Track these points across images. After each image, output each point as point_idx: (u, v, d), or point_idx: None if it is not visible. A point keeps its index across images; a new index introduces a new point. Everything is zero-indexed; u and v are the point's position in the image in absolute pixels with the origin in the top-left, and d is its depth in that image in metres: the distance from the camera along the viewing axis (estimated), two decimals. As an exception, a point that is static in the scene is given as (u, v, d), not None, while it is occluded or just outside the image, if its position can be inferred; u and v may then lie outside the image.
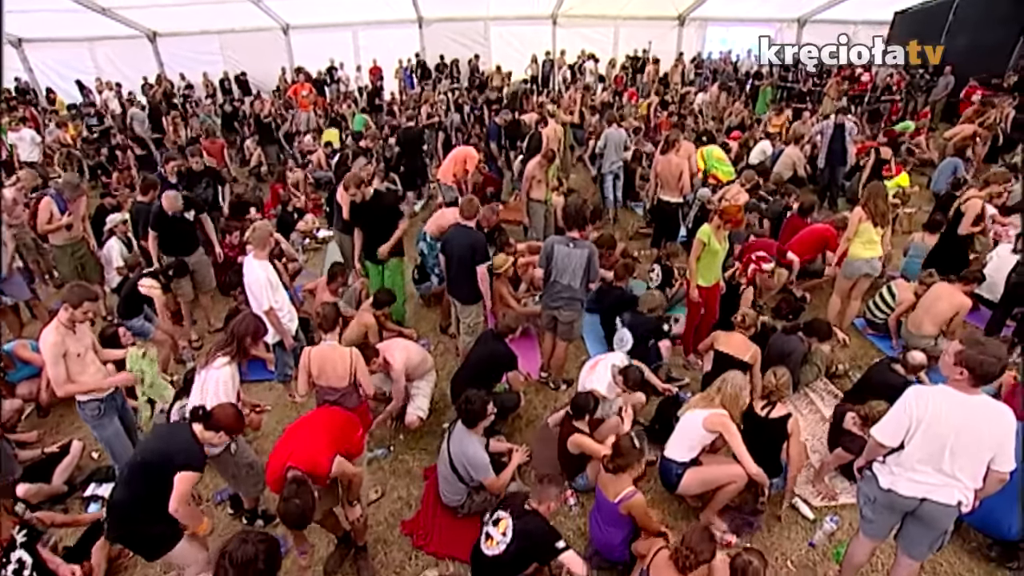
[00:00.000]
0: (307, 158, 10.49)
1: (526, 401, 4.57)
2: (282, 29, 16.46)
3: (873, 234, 4.87)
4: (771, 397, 3.35)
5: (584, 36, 17.29)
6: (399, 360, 4.02)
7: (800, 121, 10.94)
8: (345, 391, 3.55)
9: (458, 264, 4.59)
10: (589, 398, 3.54)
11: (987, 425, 2.35)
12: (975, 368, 2.30)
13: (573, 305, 4.30)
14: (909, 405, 2.47)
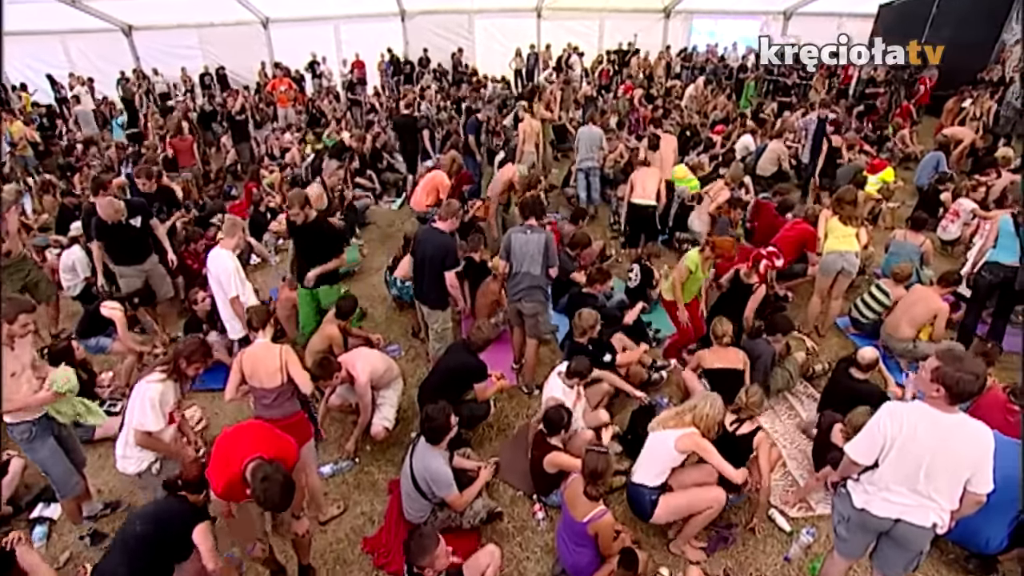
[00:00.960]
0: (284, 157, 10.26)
1: (497, 408, 4.42)
2: (262, 23, 16.10)
3: (845, 229, 4.83)
4: (740, 414, 3.21)
5: (569, 29, 17.06)
6: (363, 373, 3.86)
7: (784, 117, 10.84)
8: (279, 392, 3.35)
9: (428, 268, 4.45)
10: (561, 411, 3.39)
11: (964, 445, 2.25)
12: (952, 386, 2.19)
13: (534, 295, 4.20)
14: (883, 423, 2.35)
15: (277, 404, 3.39)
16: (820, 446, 3.54)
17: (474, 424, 4.10)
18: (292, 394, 3.48)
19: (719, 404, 3.10)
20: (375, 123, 11.89)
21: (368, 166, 9.34)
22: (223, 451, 2.72)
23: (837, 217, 4.87)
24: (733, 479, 3.09)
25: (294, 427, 3.41)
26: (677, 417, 3.18)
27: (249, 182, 8.50)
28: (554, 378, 3.83)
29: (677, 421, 3.15)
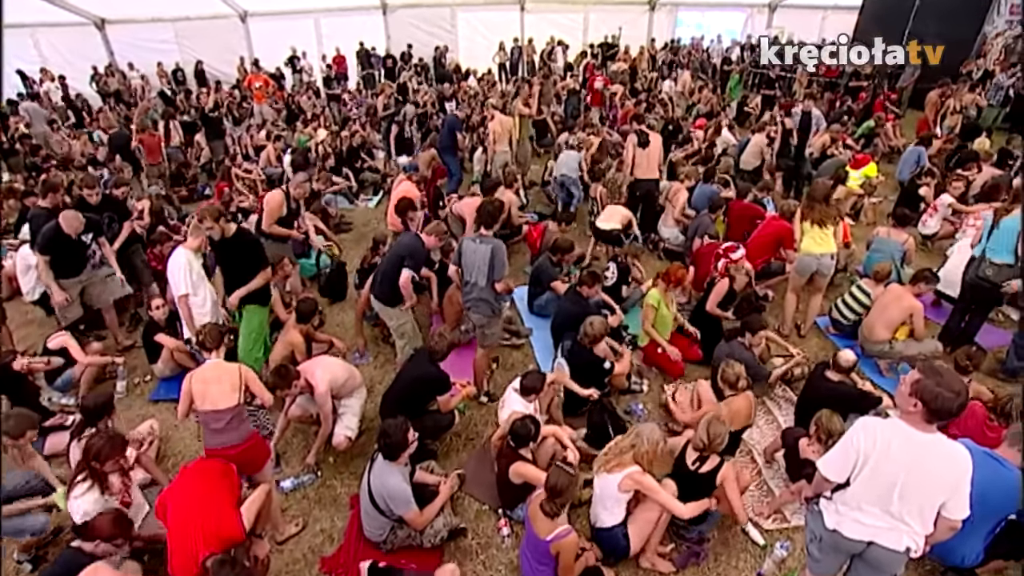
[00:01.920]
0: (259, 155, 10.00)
1: (466, 417, 4.28)
2: (240, 16, 15.74)
3: (821, 231, 4.74)
4: (703, 453, 3.06)
5: (553, 22, 16.88)
6: (322, 381, 3.69)
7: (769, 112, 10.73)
8: (233, 414, 3.17)
9: (390, 261, 4.30)
10: (528, 423, 3.24)
11: (940, 467, 2.11)
12: (930, 401, 2.05)
13: (480, 307, 4.06)
14: (856, 438, 2.22)
15: (232, 427, 3.20)
16: (792, 462, 3.42)
17: (438, 435, 3.94)
18: (246, 415, 3.33)
19: (656, 436, 2.92)
20: (355, 120, 11.63)
21: (345, 164, 9.12)
22: (176, 527, 2.67)
23: (808, 221, 4.79)
24: (681, 515, 2.97)
25: (252, 450, 3.28)
26: (618, 458, 2.98)
27: (220, 182, 8.26)
28: (511, 394, 3.68)
29: (618, 462, 2.96)
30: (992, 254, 4.54)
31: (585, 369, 3.98)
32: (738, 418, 3.56)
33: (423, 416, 3.79)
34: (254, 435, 3.34)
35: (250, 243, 4.35)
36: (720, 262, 4.93)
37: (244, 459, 3.25)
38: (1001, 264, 4.48)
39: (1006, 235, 4.44)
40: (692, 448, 3.09)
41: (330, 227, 7.58)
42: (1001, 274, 4.52)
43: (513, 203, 6.31)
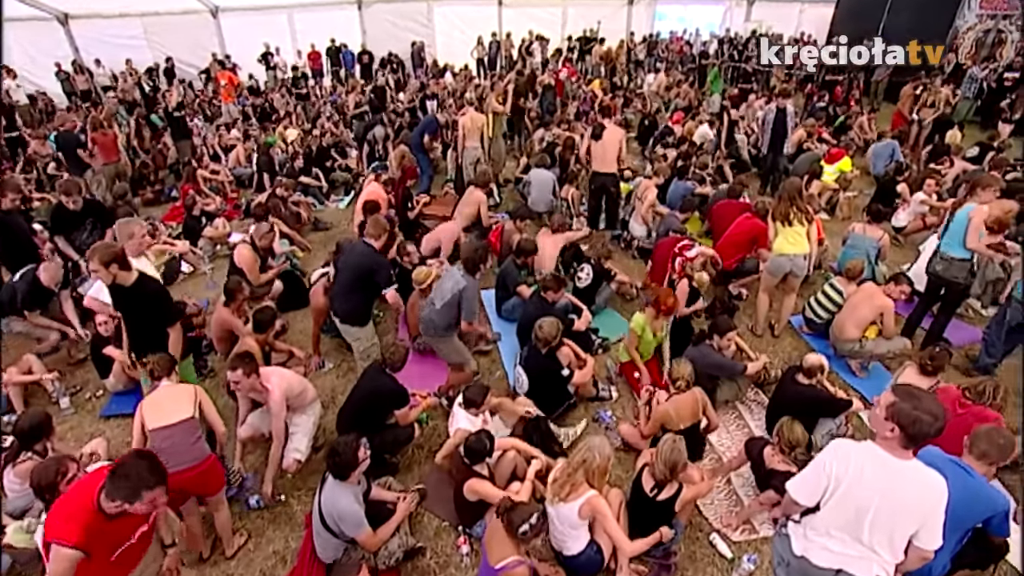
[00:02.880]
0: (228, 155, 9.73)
1: (430, 428, 4.14)
2: (211, 12, 15.32)
3: (794, 231, 4.65)
4: (661, 482, 2.91)
5: (532, 16, 16.70)
6: (277, 387, 3.48)
7: (746, 104, 10.67)
8: (188, 429, 3.01)
9: (350, 276, 4.11)
10: (483, 439, 3.10)
11: (914, 496, 2.00)
12: (907, 425, 1.94)
13: (427, 327, 4.05)
14: (828, 462, 2.11)
15: (187, 444, 3.01)
16: (759, 473, 3.32)
17: (398, 449, 3.79)
18: (199, 437, 3.13)
19: (607, 451, 2.77)
20: (328, 118, 11.37)
21: (314, 163, 8.89)
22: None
23: (778, 220, 4.70)
24: (624, 552, 2.86)
25: (210, 471, 3.10)
26: (571, 480, 2.80)
27: (185, 183, 7.99)
28: (458, 410, 3.55)
29: (572, 486, 2.79)
30: (946, 248, 4.48)
31: (542, 377, 3.85)
32: (682, 414, 3.46)
33: (381, 430, 3.64)
34: (210, 457, 3.15)
35: (153, 294, 3.55)
36: (676, 261, 4.82)
37: (201, 481, 3.08)
38: (952, 258, 4.42)
39: (959, 227, 4.36)
40: (649, 475, 2.96)
41: (304, 228, 7.41)
42: (951, 269, 4.46)
43: (483, 203, 6.15)
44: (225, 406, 4.22)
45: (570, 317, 4.51)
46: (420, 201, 6.59)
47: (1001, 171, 6.88)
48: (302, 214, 7.38)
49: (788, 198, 4.70)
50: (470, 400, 3.53)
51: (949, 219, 4.57)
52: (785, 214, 4.65)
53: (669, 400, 3.50)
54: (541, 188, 6.91)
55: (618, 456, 3.85)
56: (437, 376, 4.49)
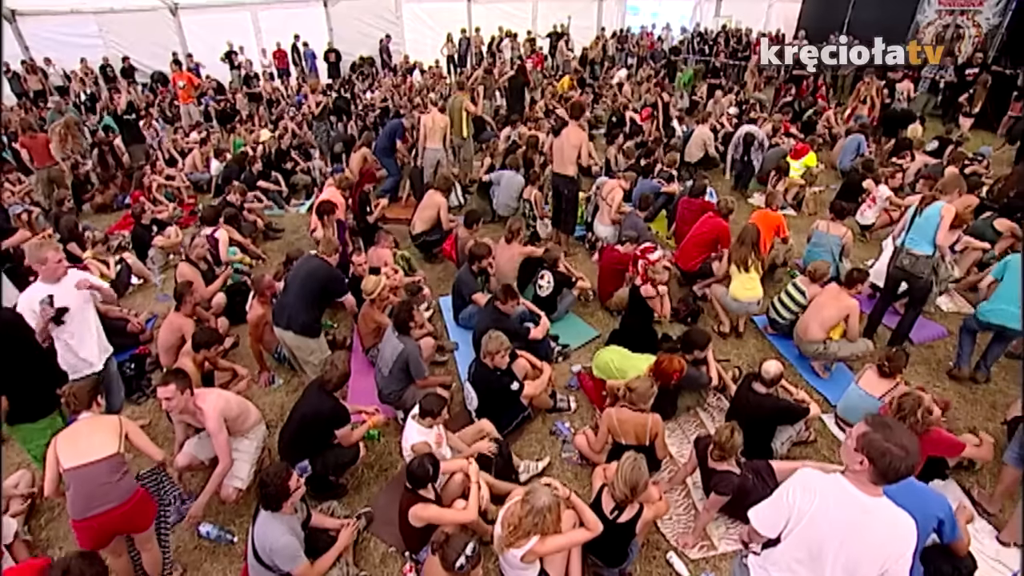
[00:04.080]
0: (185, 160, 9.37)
1: (379, 446, 3.97)
2: (170, 9, 14.78)
3: (747, 278, 4.80)
4: (622, 503, 2.78)
5: (502, 12, 16.52)
6: (213, 409, 3.27)
7: (713, 100, 10.63)
8: (113, 465, 2.78)
9: (303, 288, 4.02)
10: (426, 463, 2.93)
11: (881, 538, 1.85)
12: (877, 460, 1.80)
13: (388, 399, 4.02)
14: (792, 493, 1.97)
15: (111, 483, 2.78)
16: (705, 475, 3.21)
17: (342, 471, 3.60)
18: (127, 468, 2.91)
19: (544, 503, 2.51)
20: (291, 119, 11.04)
21: (273, 167, 8.59)
22: None
23: (736, 266, 4.84)
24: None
25: (138, 507, 2.88)
26: (514, 526, 2.57)
27: (135, 190, 7.64)
28: (409, 423, 3.38)
29: (514, 533, 2.56)
30: (912, 244, 4.46)
31: (490, 393, 3.70)
32: (625, 427, 3.34)
33: (324, 452, 3.45)
34: (137, 492, 2.92)
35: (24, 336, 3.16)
36: (639, 263, 4.70)
37: (127, 520, 2.86)
38: (918, 255, 4.41)
39: (929, 224, 4.35)
40: (609, 496, 2.82)
41: (257, 236, 7.13)
42: (917, 265, 4.44)
43: (443, 206, 5.96)
44: (168, 428, 4.01)
45: (526, 326, 4.36)
46: (379, 205, 6.37)
47: (959, 165, 6.92)
48: (258, 221, 7.11)
49: (749, 244, 4.76)
50: (426, 410, 3.34)
51: (915, 214, 4.53)
52: (743, 260, 4.76)
53: (617, 408, 3.38)
54: (508, 190, 6.74)
55: (574, 471, 3.74)
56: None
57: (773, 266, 5.96)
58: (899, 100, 9.58)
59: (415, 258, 6.21)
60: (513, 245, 5.25)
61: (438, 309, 5.43)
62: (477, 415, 3.80)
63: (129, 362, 4.75)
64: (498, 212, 6.68)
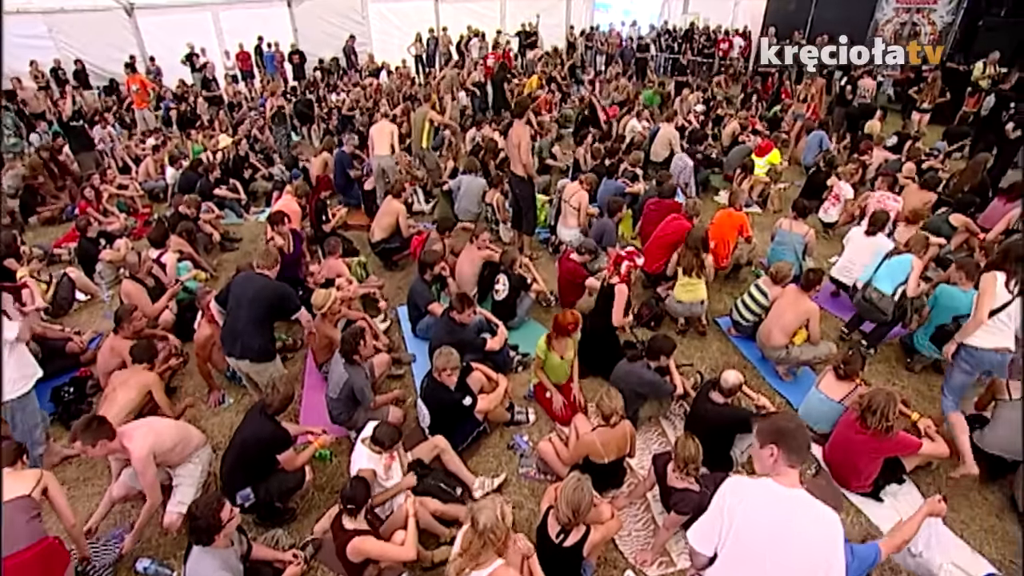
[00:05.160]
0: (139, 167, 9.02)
1: (333, 466, 3.81)
2: (125, 9, 14.22)
3: (690, 282, 4.80)
4: (566, 526, 2.67)
5: (470, 11, 16.32)
6: (142, 446, 3.09)
7: (680, 97, 10.63)
8: (22, 507, 2.60)
9: (248, 309, 3.82)
10: (360, 486, 2.80)
11: (810, 533, 1.86)
12: (779, 440, 1.91)
13: (339, 420, 3.87)
14: (723, 496, 1.96)
15: (20, 524, 2.62)
16: (664, 491, 3.13)
17: (287, 497, 3.44)
18: (39, 515, 2.74)
19: (492, 518, 2.39)
20: (253, 122, 10.72)
21: (232, 174, 8.30)
22: None
23: (681, 270, 4.83)
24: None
25: (45, 555, 2.69)
26: (467, 552, 2.43)
27: (81, 202, 7.31)
28: (360, 447, 3.24)
29: (478, 563, 2.41)
30: (878, 283, 4.65)
31: (442, 410, 3.58)
32: (609, 448, 3.24)
33: (267, 478, 3.29)
34: (47, 540, 2.74)
35: None
36: (623, 265, 4.60)
37: (39, 565, 2.66)
38: (883, 294, 4.60)
39: (901, 270, 4.56)
40: (554, 519, 2.71)
41: (213, 248, 6.88)
42: (882, 302, 4.62)
43: (401, 213, 5.80)
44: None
45: (483, 337, 4.23)
46: (336, 213, 6.18)
47: (916, 160, 7.00)
48: (213, 234, 6.84)
49: (693, 248, 4.76)
50: (378, 441, 3.20)
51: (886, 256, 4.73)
52: (689, 265, 4.77)
53: (596, 432, 3.27)
54: (469, 195, 6.60)
55: (531, 487, 3.63)
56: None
57: (737, 266, 5.94)
58: (861, 96, 9.67)
59: (373, 266, 6.04)
60: (472, 248, 5.13)
61: (396, 320, 5.27)
62: (430, 431, 3.67)
63: (68, 386, 4.50)
64: (460, 218, 6.53)
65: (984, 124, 8.11)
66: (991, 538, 3.30)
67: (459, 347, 3.94)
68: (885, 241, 5.15)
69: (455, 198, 6.77)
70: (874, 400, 3.20)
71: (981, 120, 8.20)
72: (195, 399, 4.39)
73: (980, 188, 6.50)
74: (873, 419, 3.19)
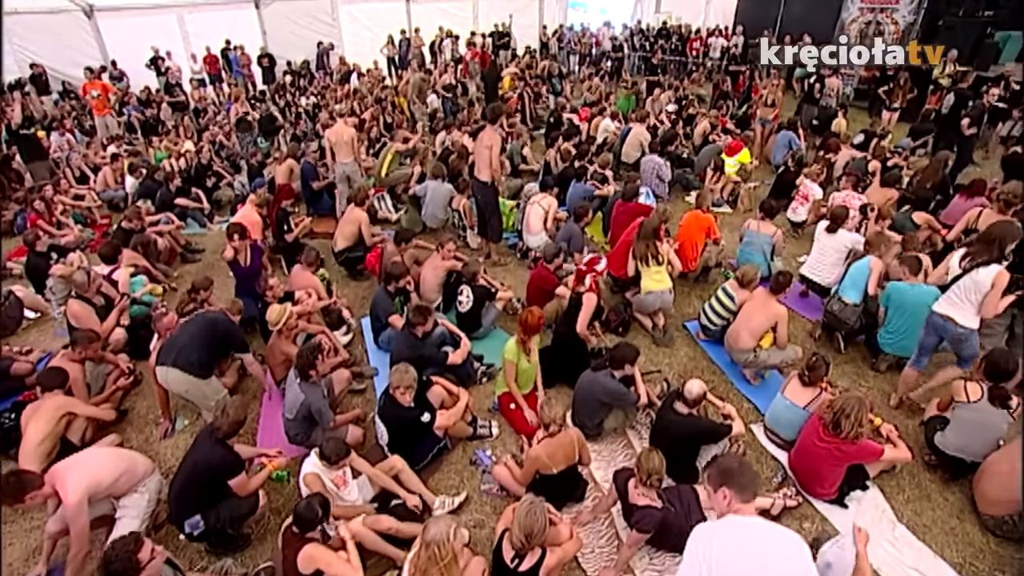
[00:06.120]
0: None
1: (290, 488, 3.66)
2: (84, 11, 13.78)
3: (653, 271, 4.76)
4: (520, 551, 2.59)
5: (442, 11, 16.17)
6: (76, 489, 2.90)
7: (651, 97, 10.62)
8: None
9: (198, 327, 3.82)
10: (314, 504, 2.70)
11: (784, 550, 1.92)
12: (729, 481, 2.02)
13: (296, 441, 3.76)
14: (694, 544, 1.98)
15: None
16: (627, 508, 3.06)
17: (239, 524, 3.30)
18: None
19: (444, 536, 2.37)
20: (221, 127, 10.45)
21: (194, 182, 8.06)
22: None
23: (639, 261, 4.77)
24: None
25: None
26: (417, 571, 2.42)
27: (31, 214, 7.02)
28: (312, 457, 3.13)
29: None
30: (843, 291, 4.69)
31: (400, 428, 3.47)
32: (556, 459, 3.16)
33: (217, 505, 3.15)
34: None
35: None
36: (587, 278, 4.53)
37: None
38: (846, 303, 4.65)
39: (860, 274, 4.60)
40: (509, 542, 2.62)
41: (173, 260, 6.66)
42: (845, 311, 4.67)
43: (363, 221, 5.66)
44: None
45: (444, 350, 4.13)
46: (299, 223, 6.02)
47: (881, 158, 7.06)
48: (173, 247, 6.62)
49: (645, 239, 4.72)
50: (324, 455, 3.11)
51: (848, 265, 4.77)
52: (643, 255, 4.74)
53: (541, 444, 3.19)
54: (436, 201, 6.48)
55: (494, 505, 3.54)
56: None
57: (707, 268, 5.92)
58: (827, 95, 9.76)
59: (338, 275, 5.89)
60: (436, 257, 5.02)
61: (359, 332, 5.13)
62: (389, 449, 3.56)
63: (9, 411, 4.27)
64: (428, 224, 6.42)
65: (945, 122, 8.23)
66: (952, 540, 3.29)
67: (420, 361, 3.85)
68: (848, 238, 5.16)
69: (422, 204, 6.65)
70: (847, 405, 3.18)
71: (942, 118, 8.32)
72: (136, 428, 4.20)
73: (941, 185, 6.58)
74: (847, 423, 3.16)
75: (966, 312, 3.79)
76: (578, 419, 3.89)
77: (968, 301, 3.76)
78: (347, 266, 5.89)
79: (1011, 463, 3.15)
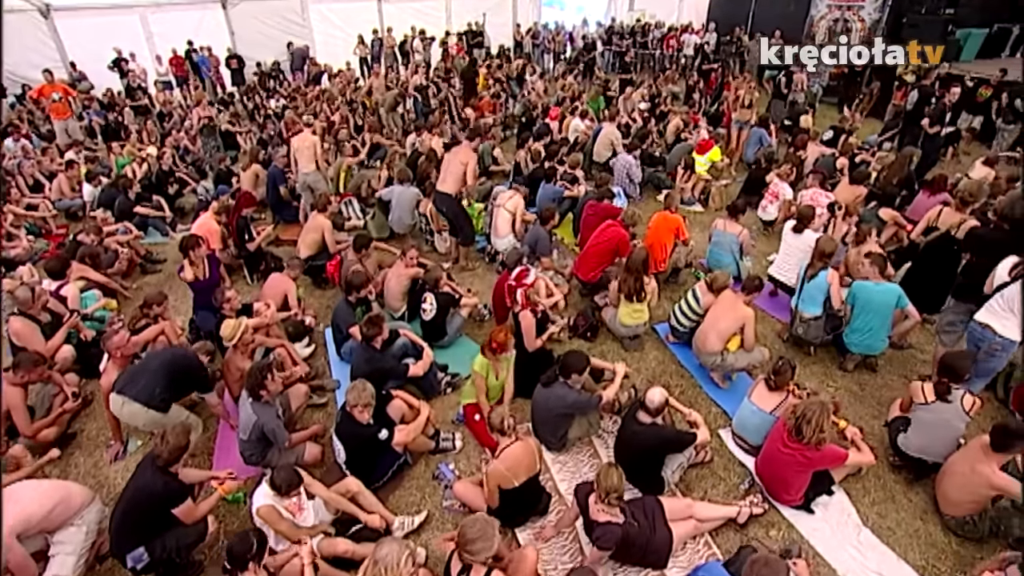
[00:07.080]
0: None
1: (243, 512, 3.52)
2: (40, 11, 13.30)
3: (634, 307, 4.70)
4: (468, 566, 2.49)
5: (415, 11, 15.95)
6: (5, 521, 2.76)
7: (623, 96, 10.59)
8: None
9: (161, 361, 3.74)
10: (249, 538, 2.58)
11: None
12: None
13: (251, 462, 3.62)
14: None
15: None
16: (585, 520, 2.99)
17: (187, 552, 3.15)
18: None
19: (396, 558, 2.27)
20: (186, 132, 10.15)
21: (155, 190, 7.81)
22: None
23: (623, 295, 4.68)
24: None
25: None
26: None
27: (-19, 226, 6.73)
28: (264, 486, 3.00)
29: None
30: (803, 307, 4.66)
31: (358, 446, 3.36)
32: (519, 468, 3.09)
33: (163, 533, 3.00)
34: None
35: None
36: (518, 293, 4.45)
37: None
38: (810, 320, 4.62)
39: (818, 290, 4.57)
40: (458, 558, 2.54)
41: (132, 271, 6.43)
42: (810, 330, 4.65)
43: (327, 228, 5.52)
44: None
45: (405, 363, 4.01)
46: (261, 232, 5.85)
47: (849, 155, 7.10)
48: (132, 258, 6.38)
49: (635, 271, 4.61)
50: (275, 485, 2.98)
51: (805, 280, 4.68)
52: (630, 291, 4.63)
53: (499, 458, 3.10)
54: (402, 205, 6.35)
55: (456, 521, 3.44)
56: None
57: (677, 268, 5.88)
58: (795, 91, 9.81)
59: (303, 284, 5.72)
60: (400, 264, 4.91)
61: (323, 342, 4.99)
62: (347, 467, 3.44)
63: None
64: (395, 229, 6.28)
65: (909, 118, 8.32)
66: (916, 542, 3.29)
67: (379, 375, 3.74)
68: (813, 238, 5.13)
69: (390, 208, 6.51)
70: (808, 411, 3.15)
71: (907, 114, 8.42)
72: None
73: (907, 181, 6.64)
74: (808, 428, 3.13)
75: (1008, 323, 3.71)
76: (540, 435, 3.81)
77: (1012, 312, 3.68)
78: (311, 274, 5.73)
79: (971, 464, 3.15)
